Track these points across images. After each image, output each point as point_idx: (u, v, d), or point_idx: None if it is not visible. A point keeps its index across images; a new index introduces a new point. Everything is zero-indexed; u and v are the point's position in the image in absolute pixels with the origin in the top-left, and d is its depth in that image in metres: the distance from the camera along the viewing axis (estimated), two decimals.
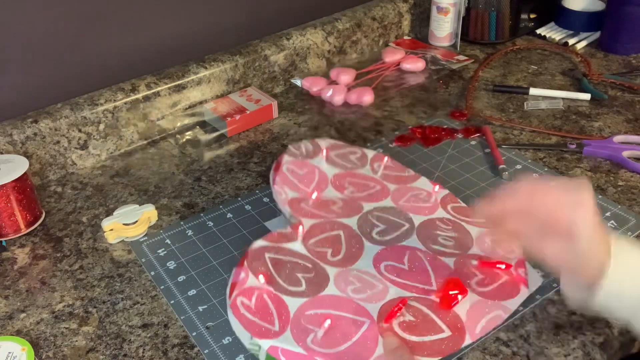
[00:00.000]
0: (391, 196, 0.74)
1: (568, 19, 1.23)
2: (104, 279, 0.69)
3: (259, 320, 0.57)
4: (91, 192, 0.84)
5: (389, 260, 0.65)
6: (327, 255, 0.65)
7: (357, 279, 0.63)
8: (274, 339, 0.55)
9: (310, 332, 0.56)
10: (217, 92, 0.99)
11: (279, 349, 0.55)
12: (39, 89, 0.86)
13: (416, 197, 0.74)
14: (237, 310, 0.58)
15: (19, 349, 0.59)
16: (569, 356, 0.58)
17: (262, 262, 0.63)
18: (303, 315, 0.58)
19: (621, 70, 1.09)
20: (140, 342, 0.62)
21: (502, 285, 0.63)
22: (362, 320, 0.58)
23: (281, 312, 0.58)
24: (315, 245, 0.66)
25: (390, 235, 0.69)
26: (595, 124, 0.94)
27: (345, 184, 0.76)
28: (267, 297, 0.60)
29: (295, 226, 0.68)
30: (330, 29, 1.10)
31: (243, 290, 0.60)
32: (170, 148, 0.93)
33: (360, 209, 0.72)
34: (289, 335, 0.56)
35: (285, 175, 0.76)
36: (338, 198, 0.73)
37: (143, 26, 0.92)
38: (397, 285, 0.62)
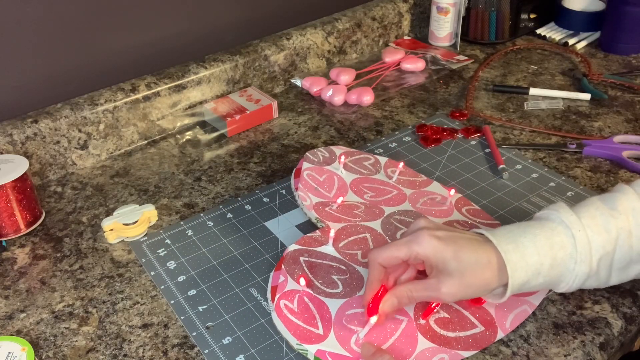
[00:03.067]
0: (408, 199, 0.76)
1: (568, 19, 1.23)
2: (104, 279, 0.69)
3: (303, 323, 0.59)
4: (91, 192, 0.84)
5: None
6: (358, 256, 0.67)
7: None
8: (319, 344, 0.57)
9: (353, 333, 0.58)
10: (217, 92, 0.99)
11: (326, 352, 0.57)
12: (39, 89, 0.86)
13: (432, 201, 0.76)
14: (281, 312, 0.60)
15: (19, 349, 0.59)
16: (569, 356, 0.58)
17: (298, 266, 0.65)
18: (344, 316, 0.60)
19: (621, 70, 1.09)
20: (140, 342, 0.62)
21: None
22: (401, 318, 0.60)
23: (323, 314, 0.60)
24: (345, 247, 0.68)
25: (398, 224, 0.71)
26: (595, 124, 0.94)
27: (364, 189, 0.77)
28: (308, 299, 0.62)
29: (325, 230, 0.70)
30: (330, 29, 1.10)
31: (284, 294, 0.62)
32: (170, 148, 0.93)
33: (382, 212, 0.73)
34: (333, 338, 0.58)
35: (306, 182, 0.77)
36: (360, 203, 0.75)
37: (143, 26, 0.92)
38: None
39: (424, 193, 0.77)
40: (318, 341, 0.57)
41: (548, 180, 0.82)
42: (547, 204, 0.77)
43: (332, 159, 0.82)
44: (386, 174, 0.80)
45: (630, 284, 0.65)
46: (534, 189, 0.80)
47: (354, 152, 0.84)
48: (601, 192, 0.79)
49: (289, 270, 0.64)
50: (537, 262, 0.55)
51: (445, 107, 0.99)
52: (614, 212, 0.56)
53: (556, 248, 0.55)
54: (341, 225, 0.71)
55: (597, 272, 0.56)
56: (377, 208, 0.74)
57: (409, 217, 0.73)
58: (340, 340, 0.58)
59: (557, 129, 0.93)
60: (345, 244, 0.68)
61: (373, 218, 0.72)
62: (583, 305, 0.63)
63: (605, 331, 0.61)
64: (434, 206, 0.75)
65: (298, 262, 0.65)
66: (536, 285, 0.56)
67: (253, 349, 0.60)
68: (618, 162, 0.84)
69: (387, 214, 0.73)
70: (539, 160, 0.86)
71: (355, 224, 0.71)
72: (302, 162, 0.81)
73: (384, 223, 0.72)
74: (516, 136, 0.91)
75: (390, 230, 0.71)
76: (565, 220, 0.56)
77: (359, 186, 0.77)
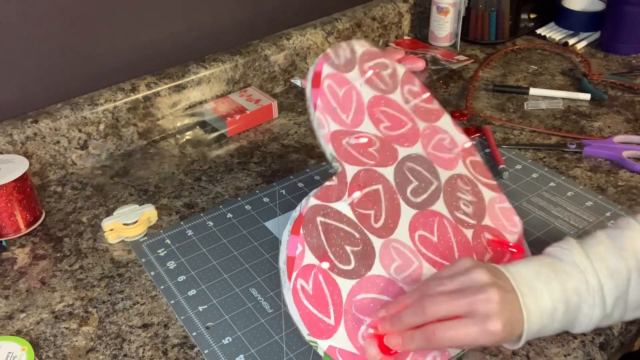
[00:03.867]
0: (421, 138, 0.72)
1: (568, 19, 1.23)
2: (104, 279, 0.69)
3: (316, 311, 0.57)
4: (91, 192, 0.84)
5: (422, 229, 0.66)
6: (371, 219, 0.64)
7: (398, 253, 0.63)
8: (330, 339, 0.56)
9: (362, 323, 0.58)
10: (217, 92, 0.99)
11: (337, 349, 0.56)
12: (39, 89, 0.86)
13: (441, 144, 0.72)
14: (297, 296, 0.57)
15: (19, 349, 0.59)
16: (569, 356, 0.58)
17: (315, 230, 0.61)
18: (354, 302, 0.59)
19: (621, 70, 1.09)
20: (140, 342, 0.62)
21: None
22: None
23: (335, 299, 0.58)
24: (359, 205, 0.64)
25: (422, 196, 0.68)
26: (595, 124, 0.94)
27: (380, 117, 0.71)
28: (322, 278, 0.59)
29: (341, 176, 0.65)
30: (330, 29, 1.10)
31: (302, 270, 0.58)
32: (170, 148, 0.93)
33: (395, 155, 0.69)
34: (343, 332, 0.57)
35: (326, 98, 0.70)
36: (375, 137, 0.70)
37: (143, 26, 0.92)
38: (428, 261, 0.63)
39: (435, 131, 0.73)
40: (329, 334, 0.57)
41: (548, 180, 0.82)
42: (547, 203, 0.78)
43: (352, 63, 0.73)
44: (402, 94, 0.74)
45: None
46: (534, 189, 0.80)
47: (373, 54, 0.75)
48: (601, 192, 0.79)
49: (307, 233, 0.60)
50: (551, 307, 0.53)
51: (445, 107, 0.99)
52: (622, 252, 0.55)
53: (569, 293, 0.54)
54: (357, 169, 0.66)
55: (612, 313, 0.55)
56: (390, 148, 0.70)
57: (422, 166, 0.70)
58: (350, 333, 0.57)
59: (557, 129, 0.93)
60: (359, 200, 0.65)
61: (386, 163, 0.68)
62: None
63: (605, 331, 0.61)
64: (443, 152, 0.72)
65: (315, 224, 0.61)
66: (552, 330, 0.55)
67: (253, 349, 0.60)
68: (618, 162, 0.84)
69: (400, 158, 0.69)
70: (539, 160, 0.86)
71: (370, 170, 0.67)
72: (322, 64, 0.71)
73: (396, 172, 0.68)
74: (516, 136, 0.91)
75: (402, 181, 0.68)
76: (578, 264, 0.55)
77: (376, 110, 0.71)
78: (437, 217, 0.67)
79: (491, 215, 0.70)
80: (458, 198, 0.69)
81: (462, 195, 0.70)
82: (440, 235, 0.66)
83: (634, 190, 0.79)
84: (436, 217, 0.67)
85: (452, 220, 0.67)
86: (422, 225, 0.66)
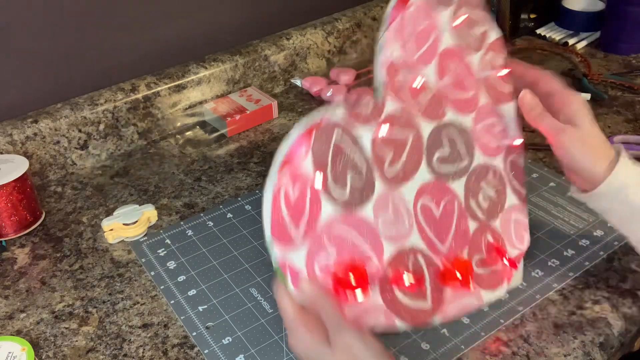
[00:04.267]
0: (475, 114, 0.67)
1: (568, 19, 1.23)
2: (104, 279, 0.69)
3: (288, 218, 0.54)
4: (91, 192, 0.84)
5: (429, 198, 0.62)
6: (385, 163, 0.60)
7: (394, 208, 0.60)
8: (288, 251, 0.53)
9: (325, 254, 0.55)
10: (217, 92, 0.99)
11: (289, 266, 0.53)
12: (39, 89, 0.86)
13: (492, 129, 0.68)
14: (278, 197, 0.53)
15: (19, 349, 0.59)
16: (569, 356, 0.58)
17: (327, 140, 0.56)
18: (328, 232, 0.55)
19: (621, 70, 1.09)
20: (140, 342, 0.62)
21: (492, 274, 0.63)
22: (374, 262, 0.57)
23: (312, 218, 0.55)
24: (380, 144, 0.60)
25: (447, 168, 0.64)
26: None
27: (448, 69, 0.66)
28: (310, 194, 0.55)
29: (379, 107, 0.60)
30: (330, 29, 1.10)
31: (293, 172, 0.54)
32: (170, 148, 0.93)
33: (441, 115, 0.64)
34: (304, 252, 0.54)
35: (405, 22, 0.63)
36: (431, 85, 0.64)
37: (143, 26, 0.92)
38: (420, 232, 0.61)
39: (493, 113, 0.68)
40: (289, 246, 0.53)
41: (548, 180, 0.82)
42: (547, 204, 0.78)
43: (447, 2, 0.65)
44: (483, 60, 0.68)
45: (631, 284, 0.65)
46: (534, 189, 0.80)
47: (473, 3, 0.69)
48: None
49: (317, 139, 0.55)
50: None
51: None
52: None
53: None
54: (397, 108, 0.61)
55: None
56: (440, 106, 0.65)
57: (462, 139, 0.65)
58: (309, 257, 0.54)
59: None
60: (383, 140, 0.60)
61: (429, 117, 0.63)
62: (583, 305, 0.63)
63: (605, 331, 0.61)
64: (490, 137, 0.67)
65: (329, 137, 0.56)
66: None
67: (253, 349, 0.60)
68: None
69: (444, 121, 0.64)
70: (539, 160, 0.86)
71: (409, 115, 0.62)
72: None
73: (434, 132, 0.63)
74: None
75: (435, 143, 0.63)
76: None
77: (447, 62, 0.66)
78: (449, 195, 0.64)
79: (504, 220, 0.67)
80: (480, 188, 0.66)
81: (485, 187, 0.66)
82: (445, 213, 0.63)
83: None
84: (449, 194, 0.64)
85: (462, 205, 0.64)
86: (430, 195, 0.62)
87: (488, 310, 0.63)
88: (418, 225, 0.61)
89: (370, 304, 0.56)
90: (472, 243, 0.64)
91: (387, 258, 0.58)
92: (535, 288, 0.66)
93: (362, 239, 0.57)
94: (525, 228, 0.68)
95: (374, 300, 0.56)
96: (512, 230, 0.67)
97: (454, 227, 0.63)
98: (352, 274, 0.55)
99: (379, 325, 0.56)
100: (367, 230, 0.58)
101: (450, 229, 0.63)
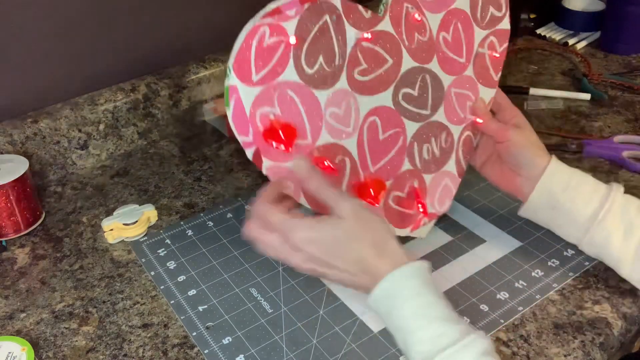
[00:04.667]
0: (457, 77, 0.69)
1: (568, 19, 1.23)
2: (104, 279, 0.69)
3: (254, 58, 0.55)
4: (91, 192, 0.84)
5: (381, 120, 0.64)
6: (358, 67, 0.61)
7: (346, 108, 0.61)
8: (242, 84, 0.55)
9: (269, 105, 0.57)
10: (217, 92, 0.99)
11: (236, 93, 0.55)
12: (39, 89, 0.86)
13: (464, 100, 0.70)
14: (252, 37, 0.56)
15: (19, 349, 0.59)
16: (569, 356, 0.58)
17: (317, 16, 0.57)
18: (282, 91, 0.57)
19: (621, 70, 1.09)
20: (140, 342, 0.62)
21: (402, 215, 0.67)
22: (307, 138, 0.59)
23: (274, 70, 0.56)
24: (361, 48, 0.61)
25: (409, 107, 0.66)
26: (595, 124, 0.94)
27: (451, 26, 0.68)
28: (283, 48, 0.56)
29: (373, 21, 0.61)
30: None
31: (277, 24, 0.56)
32: (170, 148, 0.93)
33: (427, 60, 0.66)
34: (257, 91, 0.56)
35: None
36: (429, 32, 0.66)
37: (143, 26, 0.92)
38: (359, 142, 0.63)
39: (474, 89, 0.71)
40: (244, 81, 0.55)
41: None
42: None
43: None
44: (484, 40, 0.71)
45: (631, 284, 0.65)
46: None
47: None
48: None
49: (308, 12, 0.57)
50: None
51: None
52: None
53: None
54: (390, 29, 0.62)
55: None
56: (430, 55, 0.66)
57: (432, 90, 0.67)
58: (255, 103, 0.56)
59: (557, 129, 0.93)
60: (365, 47, 0.61)
61: (415, 57, 0.65)
62: (583, 305, 0.63)
63: (605, 331, 0.61)
64: (457, 104, 0.69)
65: (322, 14, 0.58)
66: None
67: (253, 349, 0.60)
68: (618, 162, 0.84)
69: (426, 67, 0.66)
70: None
71: (397, 43, 0.63)
72: None
73: (412, 71, 0.65)
74: None
75: (407, 81, 0.65)
76: None
77: (453, 20, 0.68)
78: (399, 128, 0.65)
79: (435, 179, 0.69)
80: (429, 141, 0.68)
81: (433, 143, 0.68)
82: (387, 140, 0.65)
83: (634, 190, 0.79)
84: (399, 127, 0.65)
85: (406, 144, 0.66)
86: (382, 119, 0.64)
87: (488, 310, 0.63)
88: (359, 135, 0.63)
89: (288, 166, 0.58)
90: (398, 179, 0.66)
91: (319, 143, 0.60)
92: (535, 288, 0.66)
93: (307, 115, 0.59)
94: (451, 197, 0.71)
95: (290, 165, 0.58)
96: (438, 191, 0.70)
97: (389, 157, 0.65)
98: (282, 132, 0.57)
99: (289, 191, 0.58)
100: (315, 111, 0.59)
101: (385, 156, 0.65)
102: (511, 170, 0.68)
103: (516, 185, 0.68)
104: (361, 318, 0.63)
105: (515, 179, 0.68)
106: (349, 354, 0.59)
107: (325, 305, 0.65)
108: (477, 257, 0.70)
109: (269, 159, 0.58)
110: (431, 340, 0.49)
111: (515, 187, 0.68)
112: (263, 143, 0.57)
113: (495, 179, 0.71)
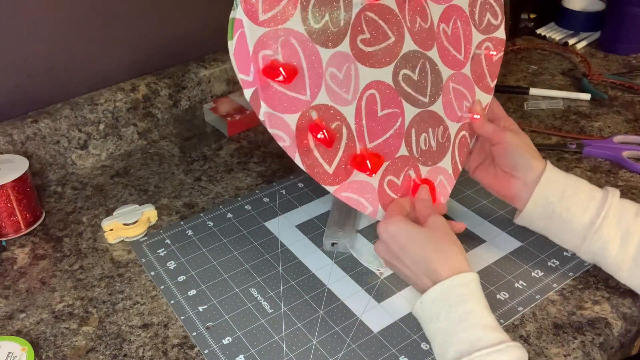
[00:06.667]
0: (456, 73, 0.69)
1: (568, 19, 1.23)
2: (104, 279, 0.69)
3: (261, 1, 0.56)
4: (91, 192, 0.84)
5: (381, 95, 0.64)
6: (360, 35, 0.61)
7: (346, 73, 0.61)
8: (248, 20, 0.55)
9: (273, 47, 0.56)
10: (217, 92, 0.99)
11: (242, 29, 0.56)
12: (39, 89, 0.86)
13: (461, 98, 0.70)
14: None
15: (19, 349, 0.59)
16: (569, 356, 0.58)
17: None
18: (286, 37, 0.57)
19: (621, 70, 1.09)
20: (140, 342, 0.62)
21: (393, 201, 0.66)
22: (306, 93, 0.59)
23: (281, 16, 0.56)
24: (366, 17, 0.61)
25: (408, 89, 0.66)
26: (595, 124, 0.94)
27: (450, 21, 0.69)
28: (291, 3, 0.57)
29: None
30: None
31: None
32: (170, 148, 0.93)
33: (428, 47, 0.66)
34: (258, 33, 0.56)
35: None
36: (430, 21, 0.67)
37: (143, 26, 0.92)
38: (357, 112, 0.62)
39: (470, 89, 0.71)
40: (250, 17, 0.55)
41: None
42: None
43: None
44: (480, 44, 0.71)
45: None
46: None
47: None
48: None
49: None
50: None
51: None
52: None
53: None
54: (393, 7, 0.63)
55: None
56: (431, 43, 0.66)
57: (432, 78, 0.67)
58: (259, 42, 0.56)
59: (557, 129, 0.93)
60: (369, 16, 0.61)
61: (416, 41, 0.65)
62: (583, 306, 0.63)
63: (605, 331, 0.61)
64: (454, 100, 0.69)
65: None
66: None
67: (253, 349, 0.60)
68: (618, 162, 0.84)
69: (427, 53, 0.66)
70: None
71: (399, 23, 0.64)
72: None
73: (413, 53, 0.65)
74: None
75: (408, 62, 0.65)
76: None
77: (453, 16, 0.69)
78: (399, 109, 0.65)
79: (431, 173, 0.69)
80: (426, 131, 0.67)
81: (431, 135, 0.68)
82: (385, 118, 0.64)
83: (634, 190, 0.79)
84: (398, 108, 0.65)
85: (404, 128, 0.65)
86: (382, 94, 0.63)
87: None
88: (358, 105, 0.62)
89: (285, 119, 0.58)
90: (394, 164, 0.65)
91: (316, 102, 0.59)
92: (535, 288, 0.66)
93: (308, 68, 0.58)
94: (446, 195, 0.70)
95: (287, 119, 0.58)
96: (441, 184, 0.69)
97: (387, 135, 0.64)
98: (283, 69, 0.57)
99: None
100: (316, 67, 0.59)
101: (383, 134, 0.64)
102: (506, 174, 0.67)
103: (511, 189, 0.67)
104: (361, 318, 0.63)
105: (509, 182, 0.67)
106: (349, 354, 0.59)
107: (325, 305, 0.65)
108: (477, 257, 0.70)
109: (267, 105, 0.57)
110: (470, 342, 0.52)
111: (510, 191, 0.67)
112: (263, 81, 0.56)
113: (489, 183, 0.70)
